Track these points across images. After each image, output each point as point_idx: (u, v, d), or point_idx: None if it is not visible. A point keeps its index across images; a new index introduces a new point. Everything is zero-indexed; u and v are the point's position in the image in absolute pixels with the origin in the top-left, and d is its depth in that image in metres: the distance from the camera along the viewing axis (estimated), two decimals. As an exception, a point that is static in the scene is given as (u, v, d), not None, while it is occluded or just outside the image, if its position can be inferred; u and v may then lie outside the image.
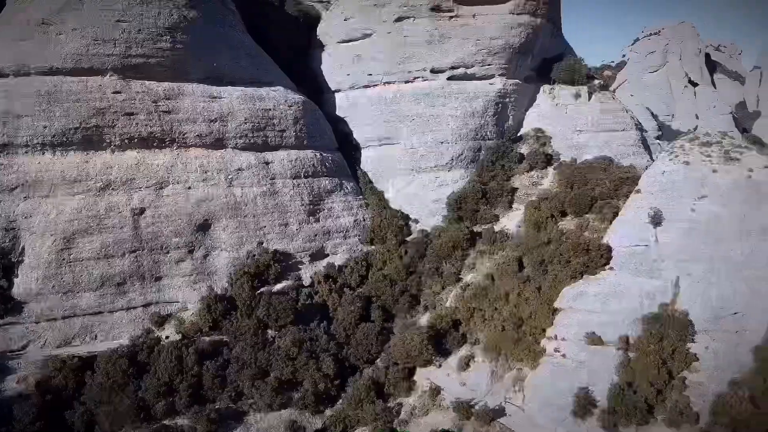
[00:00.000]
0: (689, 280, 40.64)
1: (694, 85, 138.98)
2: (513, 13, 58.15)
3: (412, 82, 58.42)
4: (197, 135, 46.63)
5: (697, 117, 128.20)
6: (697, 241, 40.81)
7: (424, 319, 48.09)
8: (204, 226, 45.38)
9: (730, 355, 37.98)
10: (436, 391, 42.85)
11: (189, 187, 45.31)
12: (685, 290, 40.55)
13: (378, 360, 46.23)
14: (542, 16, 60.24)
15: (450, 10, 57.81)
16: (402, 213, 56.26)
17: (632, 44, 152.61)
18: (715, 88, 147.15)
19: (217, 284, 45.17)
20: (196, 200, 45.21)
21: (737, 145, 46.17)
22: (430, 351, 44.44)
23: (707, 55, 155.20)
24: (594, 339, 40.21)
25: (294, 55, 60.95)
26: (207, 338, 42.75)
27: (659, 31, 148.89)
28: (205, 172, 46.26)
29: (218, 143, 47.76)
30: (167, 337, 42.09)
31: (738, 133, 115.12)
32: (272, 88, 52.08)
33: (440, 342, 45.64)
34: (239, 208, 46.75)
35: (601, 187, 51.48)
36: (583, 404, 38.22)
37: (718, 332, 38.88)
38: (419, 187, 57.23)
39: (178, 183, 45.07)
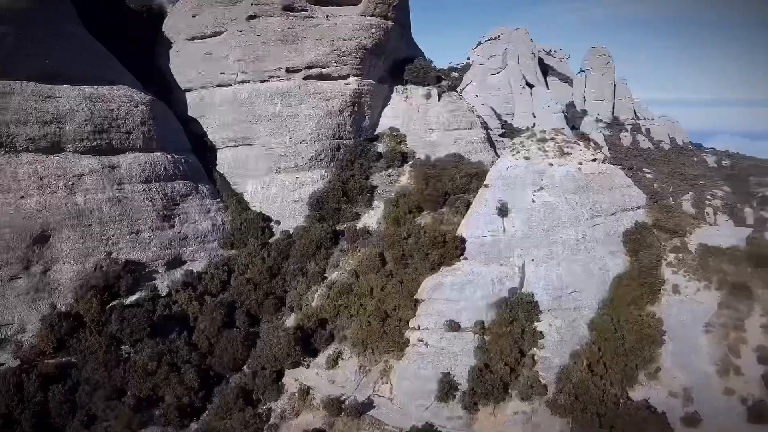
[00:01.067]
0: (533, 265, 44.52)
1: (531, 86, 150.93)
2: (365, 15, 59.49)
3: (267, 81, 57.48)
4: (29, 138, 42.22)
5: (534, 116, 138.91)
6: (537, 228, 44.79)
7: (290, 321, 47.73)
8: (42, 239, 41.21)
9: (570, 329, 42.35)
10: (305, 392, 42.76)
11: (22, 197, 40.91)
12: (530, 274, 44.40)
13: (245, 366, 45.09)
14: (393, 19, 62.27)
15: (303, 10, 57.70)
16: (263, 215, 55.27)
17: (475, 47, 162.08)
18: (548, 89, 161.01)
19: (61, 301, 41.32)
20: (31, 210, 40.91)
21: (569, 141, 51.42)
22: (297, 352, 44.30)
23: (540, 59, 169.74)
24: (453, 326, 42.57)
25: (139, 51, 57.24)
26: (51, 361, 39.11)
27: (498, 36, 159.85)
28: (41, 179, 42.03)
29: (55, 147, 43.58)
30: (3, 364, 37.80)
31: (569, 130, 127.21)
32: (115, 87, 48.53)
33: (308, 342, 45.58)
34: (83, 217, 43.07)
35: (453, 183, 54.55)
36: (446, 389, 40.37)
37: (559, 310, 43.09)
38: (280, 188, 56.61)
39: (8, 192, 40.51)
